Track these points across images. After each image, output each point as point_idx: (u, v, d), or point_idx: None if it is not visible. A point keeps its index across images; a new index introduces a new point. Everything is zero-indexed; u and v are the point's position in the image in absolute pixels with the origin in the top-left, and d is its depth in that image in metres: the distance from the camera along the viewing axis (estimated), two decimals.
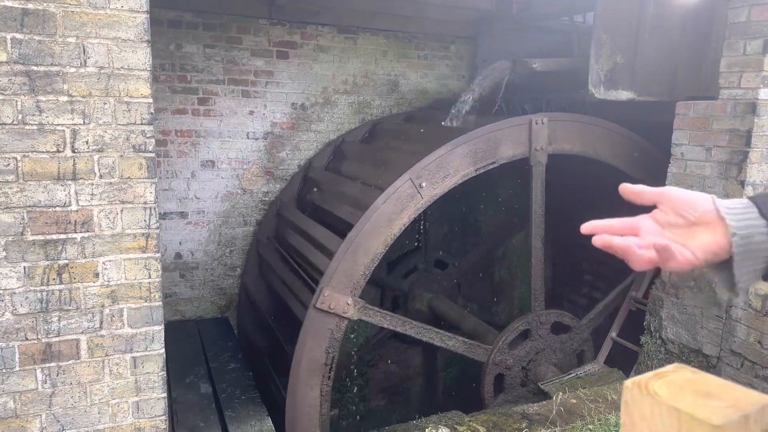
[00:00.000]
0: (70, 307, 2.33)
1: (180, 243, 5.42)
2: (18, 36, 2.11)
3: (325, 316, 3.74)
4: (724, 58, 3.62)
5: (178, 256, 5.44)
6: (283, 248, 4.96)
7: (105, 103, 2.26)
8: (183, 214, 5.38)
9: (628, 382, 0.70)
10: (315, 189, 5.22)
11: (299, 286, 4.30)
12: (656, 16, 4.33)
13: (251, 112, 5.45)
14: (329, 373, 3.78)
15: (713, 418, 0.60)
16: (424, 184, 3.87)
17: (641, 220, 0.92)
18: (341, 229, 4.07)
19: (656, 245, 0.88)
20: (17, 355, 2.28)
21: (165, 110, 5.12)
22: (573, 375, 4.40)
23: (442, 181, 3.94)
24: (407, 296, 5.69)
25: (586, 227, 0.93)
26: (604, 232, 0.91)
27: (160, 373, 2.52)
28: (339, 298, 3.74)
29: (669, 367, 0.74)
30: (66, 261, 2.29)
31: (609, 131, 4.45)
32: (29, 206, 2.21)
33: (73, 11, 2.16)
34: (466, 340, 4.36)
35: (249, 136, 5.48)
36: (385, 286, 5.72)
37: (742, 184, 3.51)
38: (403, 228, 3.91)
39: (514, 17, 5.97)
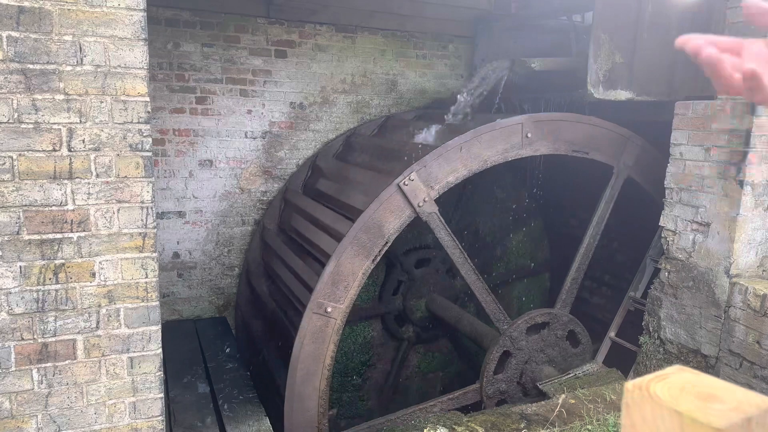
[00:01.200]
0: (67, 307, 2.31)
1: (178, 242, 5.40)
2: (14, 34, 2.09)
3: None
4: None
5: (176, 255, 5.43)
6: (290, 234, 4.96)
7: (101, 102, 2.24)
8: (181, 214, 5.37)
9: (629, 384, 0.69)
10: (322, 177, 5.26)
11: (303, 268, 4.31)
12: (655, 15, 4.33)
13: (249, 112, 5.44)
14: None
15: (715, 421, 0.59)
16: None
17: (750, 43, 0.80)
18: (350, 216, 4.07)
19: (746, 71, 0.78)
20: (13, 355, 2.27)
21: (163, 109, 5.10)
22: (571, 375, 4.39)
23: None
24: (409, 289, 5.65)
25: (681, 39, 0.83)
26: (706, 43, 0.81)
27: (157, 374, 2.51)
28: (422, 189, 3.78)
29: (670, 369, 0.73)
30: (62, 260, 2.28)
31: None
32: (25, 205, 2.20)
33: (69, 9, 2.15)
34: (496, 301, 4.38)
35: (247, 136, 5.47)
36: (396, 266, 5.66)
37: (741, 184, 3.51)
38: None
39: (513, 16, 5.97)
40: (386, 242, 3.82)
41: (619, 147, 4.47)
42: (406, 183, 3.87)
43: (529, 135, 4.12)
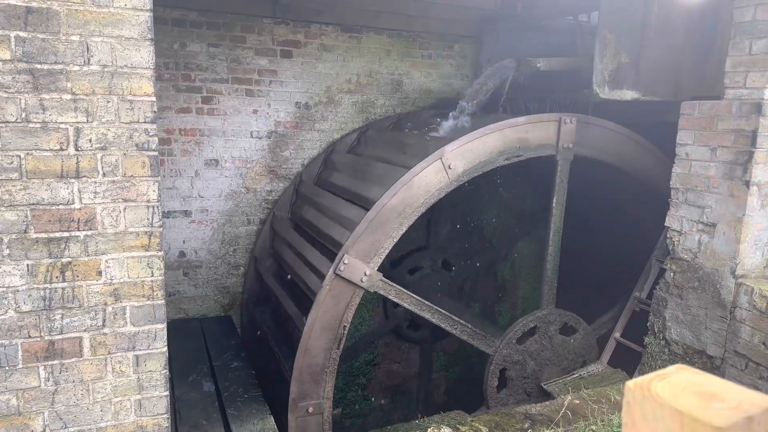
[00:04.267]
0: (73, 305, 2.33)
1: (184, 241, 5.43)
2: (22, 34, 2.11)
3: (343, 283, 3.77)
4: (729, 57, 3.60)
5: (182, 254, 5.45)
6: (300, 224, 5.02)
7: (108, 102, 2.26)
8: (187, 213, 5.39)
9: (630, 383, 0.70)
10: (335, 171, 5.31)
11: (316, 256, 4.35)
12: (661, 15, 4.32)
13: (255, 111, 5.45)
14: (340, 340, 3.80)
15: (716, 420, 0.59)
16: (452, 165, 3.91)
17: None
18: (365, 206, 4.10)
19: None
20: (20, 353, 2.29)
21: (169, 109, 5.13)
22: (576, 375, 4.39)
23: (472, 163, 4.00)
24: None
25: None
26: None
27: (162, 372, 2.52)
28: (359, 267, 3.78)
29: (671, 368, 0.73)
30: (69, 259, 2.30)
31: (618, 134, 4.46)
32: (32, 204, 2.22)
33: (77, 9, 2.16)
34: (476, 330, 4.35)
35: (253, 135, 5.49)
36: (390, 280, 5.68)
37: (747, 184, 3.49)
38: (428, 206, 3.93)
39: (519, 16, 5.96)
40: (344, 326, 3.88)
41: (553, 132, 4.27)
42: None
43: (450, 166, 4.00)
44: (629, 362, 4.42)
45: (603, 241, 5.46)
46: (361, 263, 3.79)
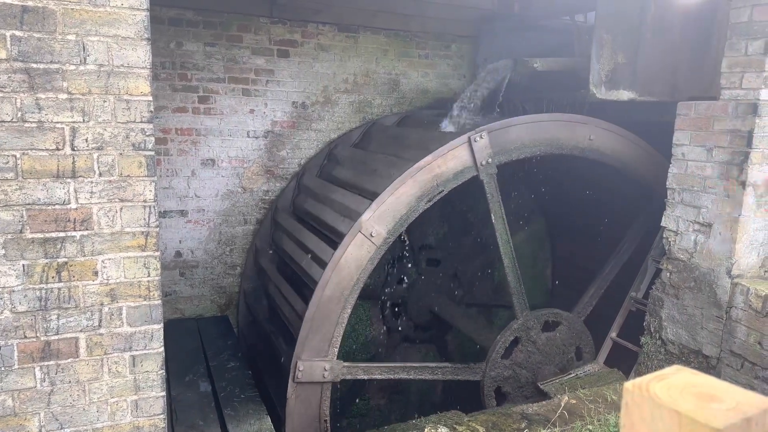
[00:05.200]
0: (69, 306, 2.32)
1: (180, 241, 5.42)
2: (17, 33, 2.10)
3: (306, 387, 3.78)
4: (725, 58, 3.61)
5: (178, 254, 5.44)
6: (302, 215, 5.05)
7: (104, 101, 2.25)
8: (183, 213, 5.38)
9: (628, 384, 0.70)
10: (338, 164, 5.32)
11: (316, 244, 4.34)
12: (658, 15, 4.33)
13: (252, 111, 5.44)
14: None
15: (714, 421, 0.60)
16: (374, 232, 3.82)
17: None
18: (369, 197, 4.10)
19: None
20: (16, 353, 2.28)
21: (165, 108, 5.11)
22: (573, 375, 4.39)
23: (394, 220, 3.89)
24: (407, 303, 5.68)
25: None
26: None
27: (159, 372, 2.51)
28: (316, 365, 3.77)
29: (669, 369, 0.73)
30: (65, 259, 2.29)
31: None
32: (28, 204, 2.21)
33: (73, 9, 2.15)
34: (458, 365, 4.40)
35: (249, 135, 5.48)
36: (382, 297, 5.69)
37: (743, 184, 3.50)
38: (365, 279, 3.88)
39: (516, 16, 5.97)
40: (325, 421, 3.89)
41: (467, 156, 4.08)
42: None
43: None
44: (625, 362, 4.43)
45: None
46: (318, 361, 3.77)
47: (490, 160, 4.09)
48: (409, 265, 5.79)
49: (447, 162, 4.00)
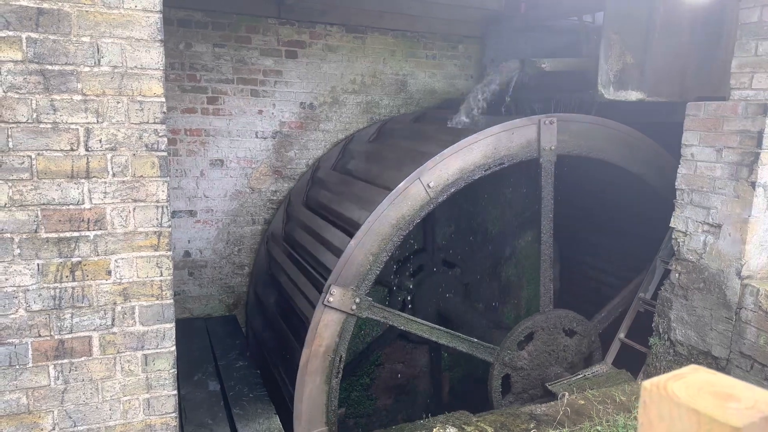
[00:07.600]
0: (83, 305, 2.35)
1: (189, 241, 5.45)
2: (33, 35, 2.13)
3: (333, 312, 3.75)
4: (735, 58, 3.60)
5: (187, 254, 5.47)
6: (315, 207, 5.06)
7: (118, 102, 2.27)
8: (192, 213, 5.41)
9: (647, 383, 0.71)
10: (352, 158, 5.36)
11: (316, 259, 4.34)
12: (666, 15, 4.31)
13: (260, 112, 5.47)
14: (338, 371, 3.79)
15: (733, 419, 0.60)
16: (431, 184, 3.87)
17: None
18: (386, 186, 4.11)
19: None
20: (30, 352, 2.30)
21: (174, 109, 5.15)
22: (581, 376, 4.39)
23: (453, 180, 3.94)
24: (414, 296, 5.69)
25: None
26: None
27: (170, 371, 2.54)
28: (348, 294, 3.76)
29: (686, 369, 0.74)
30: (79, 259, 2.31)
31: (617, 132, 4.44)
32: (43, 204, 2.24)
33: (87, 11, 2.18)
34: (473, 339, 4.35)
35: (258, 135, 5.51)
36: (393, 285, 5.72)
37: (753, 185, 3.49)
38: (411, 227, 3.91)
39: (523, 17, 5.96)
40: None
41: (534, 135, 4.16)
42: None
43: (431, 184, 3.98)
44: (634, 363, 4.42)
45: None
46: (351, 290, 3.77)
47: (552, 147, 4.16)
48: (418, 264, 5.80)
49: (512, 137, 4.07)
